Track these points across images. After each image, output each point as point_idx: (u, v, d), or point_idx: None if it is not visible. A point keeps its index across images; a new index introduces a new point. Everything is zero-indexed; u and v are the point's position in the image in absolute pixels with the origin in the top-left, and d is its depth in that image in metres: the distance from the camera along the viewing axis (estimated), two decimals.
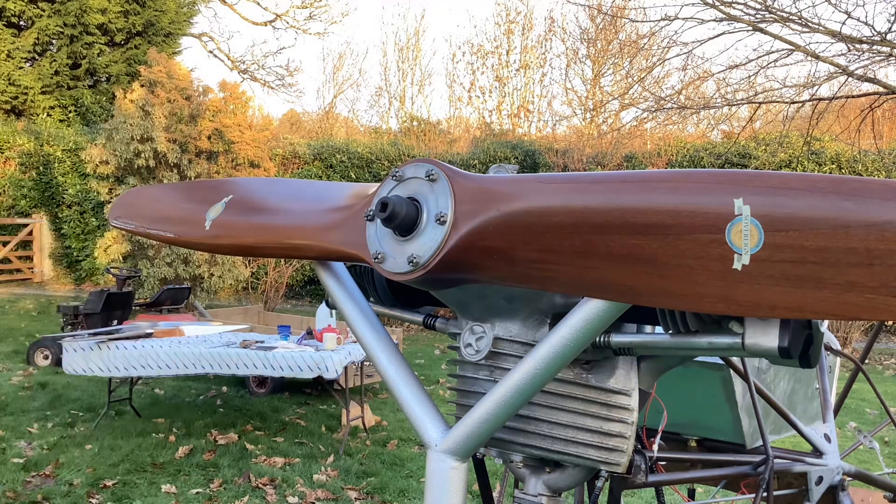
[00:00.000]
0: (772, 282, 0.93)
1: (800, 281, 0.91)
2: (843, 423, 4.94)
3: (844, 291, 0.90)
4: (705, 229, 0.96)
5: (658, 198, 1.02)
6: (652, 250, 1.00)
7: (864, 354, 2.73)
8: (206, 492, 5.25)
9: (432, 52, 48.45)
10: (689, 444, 2.21)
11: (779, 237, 0.92)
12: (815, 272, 0.90)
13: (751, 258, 0.93)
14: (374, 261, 1.24)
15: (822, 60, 9.93)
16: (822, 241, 0.90)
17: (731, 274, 0.95)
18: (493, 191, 1.17)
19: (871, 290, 0.88)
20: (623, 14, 13.81)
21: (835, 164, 14.40)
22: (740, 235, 0.93)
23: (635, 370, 1.31)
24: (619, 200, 1.05)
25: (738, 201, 0.94)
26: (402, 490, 5.39)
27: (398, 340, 8.78)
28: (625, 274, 1.04)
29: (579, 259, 1.07)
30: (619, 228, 1.03)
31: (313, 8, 23.49)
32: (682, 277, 0.99)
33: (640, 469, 1.57)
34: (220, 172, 13.52)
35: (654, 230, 1.00)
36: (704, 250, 0.96)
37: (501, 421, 1.24)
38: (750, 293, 0.95)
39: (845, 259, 0.88)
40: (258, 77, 23.54)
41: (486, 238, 1.15)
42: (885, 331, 13.36)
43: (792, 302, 0.93)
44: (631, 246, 1.02)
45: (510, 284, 1.21)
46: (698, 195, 0.99)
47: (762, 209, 0.93)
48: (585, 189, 1.10)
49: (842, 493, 2.18)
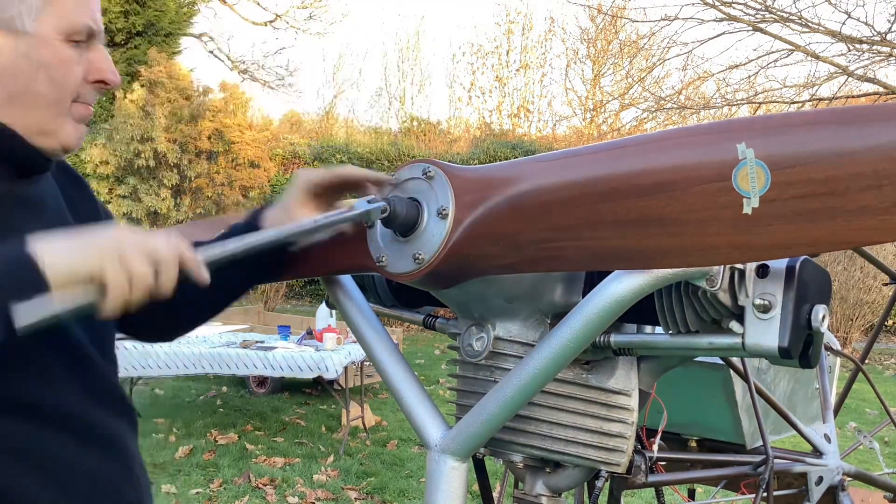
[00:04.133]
0: (784, 220, 0.93)
1: (811, 215, 0.92)
2: (843, 423, 4.94)
3: (857, 217, 0.90)
4: (711, 179, 0.96)
5: (660, 157, 1.02)
6: (660, 209, 1.00)
7: (864, 354, 2.73)
8: (206, 492, 5.25)
9: (432, 53, 48.48)
10: (689, 444, 2.21)
11: (785, 174, 0.92)
12: (825, 203, 0.90)
13: (760, 200, 0.93)
14: (377, 265, 1.23)
15: (822, 60, 9.94)
16: (829, 170, 0.90)
17: (743, 219, 0.95)
18: (493, 178, 1.17)
19: (883, 210, 0.88)
20: (623, 14, 13.81)
21: None
22: (747, 179, 0.93)
23: (635, 370, 1.31)
24: (621, 166, 1.05)
25: (741, 146, 0.94)
26: (402, 490, 5.39)
27: (398, 340, 8.78)
28: (635, 238, 1.03)
29: (587, 231, 1.06)
30: (624, 193, 1.03)
31: (313, 8, 23.49)
32: (693, 232, 0.99)
33: (640, 469, 1.57)
34: (219, 172, 13.52)
35: (660, 188, 1.00)
36: (713, 200, 0.96)
37: (501, 421, 1.24)
38: (763, 236, 0.95)
39: (854, 185, 0.88)
40: (258, 77, 23.53)
41: (491, 225, 1.14)
42: (885, 331, 13.36)
43: (806, 237, 0.94)
44: (639, 209, 1.01)
45: (519, 272, 1.20)
46: (700, 147, 0.99)
47: (766, 150, 0.93)
48: (586, 161, 1.10)
49: (842, 494, 2.18)
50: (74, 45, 1.15)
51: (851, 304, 11.69)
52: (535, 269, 1.18)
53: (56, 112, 1.16)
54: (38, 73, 1.13)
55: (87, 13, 1.16)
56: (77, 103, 1.18)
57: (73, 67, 1.15)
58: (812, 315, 1.08)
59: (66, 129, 1.17)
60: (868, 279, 11.44)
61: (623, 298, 1.09)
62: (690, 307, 1.12)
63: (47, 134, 1.16)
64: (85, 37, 1.16)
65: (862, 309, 11.75)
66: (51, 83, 1.14)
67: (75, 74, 1.16)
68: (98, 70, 1.18)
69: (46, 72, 1.13)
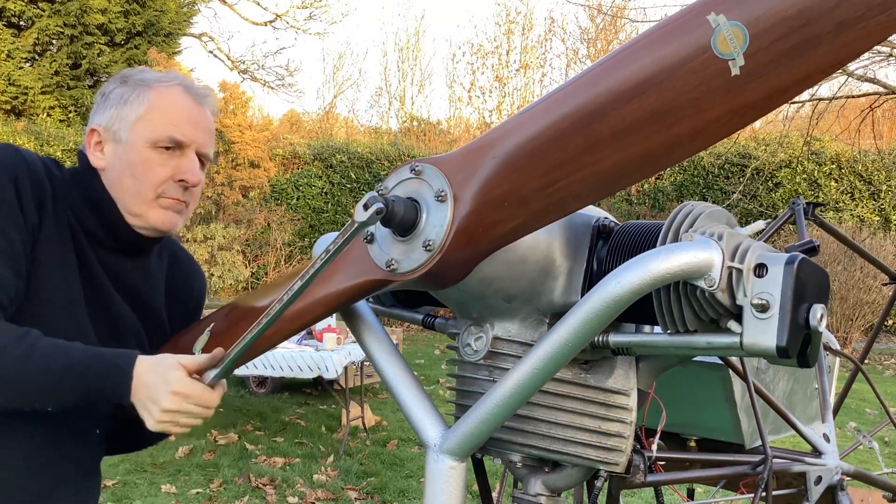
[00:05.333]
0: (772, 66, 0.96)
1: (797, 50, 0.95)
2: (842, 423, 4.95)
3: (838, 35, 0.94)
4: (692, 56, 0.99)
5: (639, 59, 1.03)
6: (652, 105, 1.01)
7: (864, 354, 2.74)
8: (206, 492, 5.25)
9: (432, 53, 48.47)
10: (688, 443, 2.21)
11: (760, 23, 0.95)
12: (805, 34, 0.95)
13: (744, 57, 0.96)
14: (388, 271, 1.20)
15: None
16: (797, 3, 0.94)
17: (734, 81, 0.97)
18: (479, 146, 1.16)
19: (858, 19, 0.93)
20: (623, 14, 13.81)
21: (835, 164, 14.40)
22: (726, 42, 0.96)
23: (634, 370, 1.31)
24: (603, 83, 1.05)
25: (711, 16, 0.98)
26: (402, 490, 5.39)
27: (398, 340, 8.77)
28: (637, 143, 1.04)
29: (588, 156, 1.07)
30: (613, 103, 1.03)
31: (313, 8, 23.49)
32: (691, 113, 1.01)
33: (639, 469, 1.57)
34: (219, 172, 13.52)
35: (646, 85, 1.01)
36: (700, 75, 0.99)
37: (500, 421, 1.24)
38: (758, 89, 0.98)
39: (824, 5, 0.93)
40: (258, 77, 23.54)
41: (491, 190, 1.13)
42: (885, 331, 13.36)
43: (798, 73, 0.97)
44: (632, 112, 1.02)
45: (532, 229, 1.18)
46: (672, 34, 1.02)
47: (735, 10, 0.97)
48: (568, 94, 1.10)
49: (841, 493, 2.17)
50: (161, 150, 1.50)
51: (851, 304, 11.69)
52: (546, 219, 1.17)
53: (140, 200, 1.51)
54: (125, 169, 1.51)
55: (174, 128, 1.51)
56: (163, 197, 1.51)
57: (154, 168, 1.50)
58: (810, 314, 1.08)
59: (152, 214, 1.52)
60: (868, 279, 11.44)
61: (621, 298, 1.09)
62: (689, 307, 1.12)
63: (137, 216, 1.52)
64: (171, 144, 1.51)
65: (862, 309, 11.74)
66: (133, 178, 1.50)
67: (158, 174, 1.50)
68: (180, 171, 1.52)
69: (131, 169, 1.50)
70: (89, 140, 1.54)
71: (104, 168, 1.52)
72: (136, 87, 1.52)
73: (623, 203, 15.23)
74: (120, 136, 1.51)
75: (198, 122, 1.54)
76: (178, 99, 1.53)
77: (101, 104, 1.54)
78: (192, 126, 1.53)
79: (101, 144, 1.53)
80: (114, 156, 1.52)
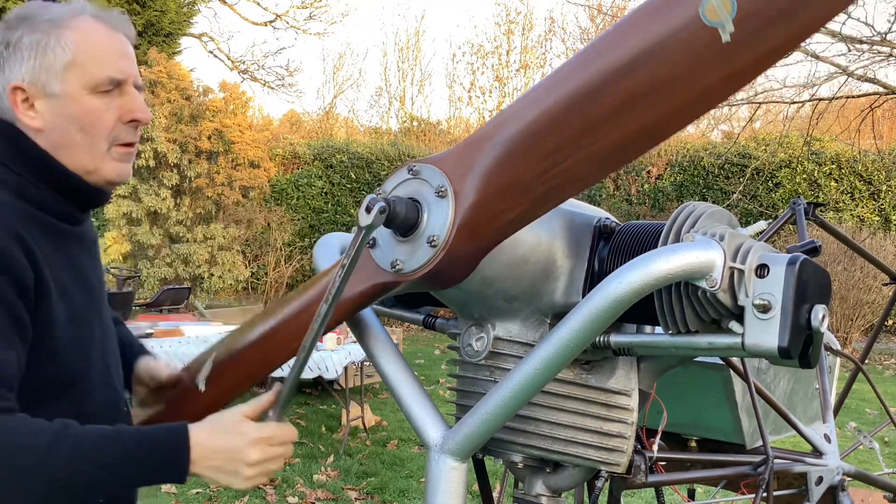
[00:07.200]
0: (763, 29, 0.96)
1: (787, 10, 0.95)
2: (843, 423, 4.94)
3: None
4: (682, 27, 0.99)
5: (629, 36, 1.04)
6: (647, 79, 1.01)
7: (864, 354, 2.74)
8: (206, 492, 5.25)
9: (432, 53, 48.46)
10: (689, 444, 2.21)
11: None
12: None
13: (734, 23, 0.96)
14: (393, 272, 1.20)
15: (822, 60, 9.93)
16: None
17: (727, 48, 0.97)
18: (476, 139, 1.16)
19: None
20: (623, 14, 13.81)
21: (835, 164, 14.39)
22: (714, 10, 0.97)
23: (635, 370, 1.31)
24: (597, 66, 1.05)
25: None
26: (402, 490, 5.39)
27: (398, 340, 8.77)
28: (634, 119, 1.04)
29: (586, 137, 1.07)
30: (608, 82, 1.04)
31: (313, 8, 23.48)
32: (686, 84, 1.01)
33: (640, 469, 1.57)
34: (219, 172, 13.53)
35: (640, 60, 1.01)
36: (692, 45, 0.99)
37: (501, 421, 1.24)
38: (749, 52, 0.98)
39: None
40: (258, 77, 23.52)
41: (491, 181, 1.13)
42: (885, 331, 13.36)
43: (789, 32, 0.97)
44: (627, 88, 1.03)
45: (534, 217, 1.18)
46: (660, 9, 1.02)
47: None
48: (561, 79, 1.10)
49: (842, 494, 2.17)
50: (102, 94, 1.35)
51: (851, 304, 11.68)
52: (548, 205, 1.17)
53: (94, 154, 1.36)
54: (70, 125, 1.34)
55: (108, 66, 1.35)
56: (117, 146, 1.38)
57: (102, 115, 1.35)
58: (812, 315, 1.08)
59: (106, 167, 1.38)
60: (868, 279, 11.44)
61: (623, 298, 1.09)
62: (690, 307, 1.12)
63: (91, 173, 1.37)
64: (110, 86, 1.35)
65: (862, 309, 11.74)
66: (83, 132, 1.35)
67: (107, 120, 1.36)
68: (129, 111, 1.38)
69: (77, 123, 1.34)
70: (13, 100, 1.33)
71: (42, 128, 1.34)
72: (49, 29, 1.33)
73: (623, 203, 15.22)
74: (51, 89, 1.33)
75: (124, 52, 1.39)
76: (98, 33, 1.36)
77: (12, 56, 1.33)
78: (123, 59, 1.38)
79: (28, 102, 1.33)
80: (51, 112, 1.33)
